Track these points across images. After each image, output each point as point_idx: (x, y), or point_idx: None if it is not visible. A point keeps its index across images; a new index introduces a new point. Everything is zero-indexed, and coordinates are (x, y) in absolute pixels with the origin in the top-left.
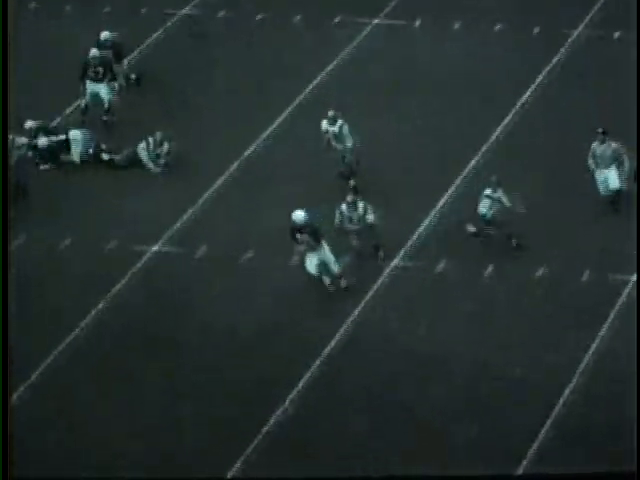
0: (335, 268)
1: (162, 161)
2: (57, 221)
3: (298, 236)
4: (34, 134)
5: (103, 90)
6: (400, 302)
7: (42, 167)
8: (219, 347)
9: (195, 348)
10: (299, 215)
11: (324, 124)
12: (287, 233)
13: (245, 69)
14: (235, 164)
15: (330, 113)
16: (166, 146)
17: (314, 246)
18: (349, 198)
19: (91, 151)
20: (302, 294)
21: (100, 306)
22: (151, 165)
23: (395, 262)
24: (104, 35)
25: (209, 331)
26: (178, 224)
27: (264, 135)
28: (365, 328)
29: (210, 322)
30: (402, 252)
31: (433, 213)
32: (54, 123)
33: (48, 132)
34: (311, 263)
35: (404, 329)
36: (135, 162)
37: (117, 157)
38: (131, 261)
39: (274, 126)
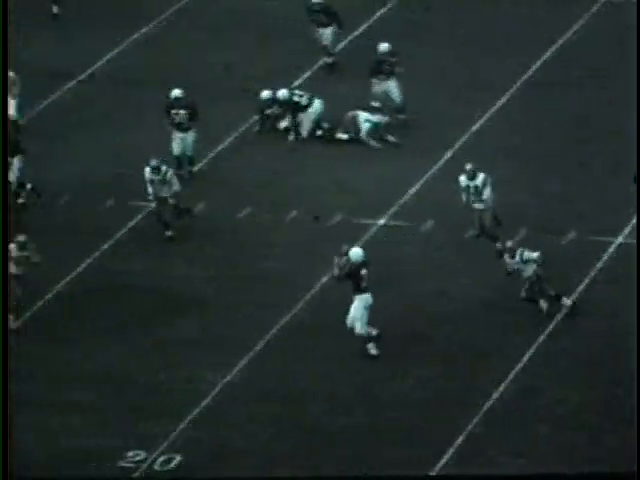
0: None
1: (384, 136)
2: (280, 192)
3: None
4: (264, 105)
5: (393, 87)
6: (622, 278)
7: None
8: (443, 318)
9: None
10: (356, 253)
11: (463, 179)
12: (510, 212)
13: (478, 38)
14: (462, 139)
15: (468, 167)
16: (384, 120)
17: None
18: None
19: (319, 133)
20: None
21: (324, 279)
22: (367, 139)
23: (619, 240)
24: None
25: (430, 302)
26: (404, 198)
27: (493, 109)
28: (587, 304)
29: (431, 293)
30: (626, 230)
31: None
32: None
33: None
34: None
35: (626, 305)
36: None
37: (339, 133)
38: (356, 234)
39: (503, 100)
